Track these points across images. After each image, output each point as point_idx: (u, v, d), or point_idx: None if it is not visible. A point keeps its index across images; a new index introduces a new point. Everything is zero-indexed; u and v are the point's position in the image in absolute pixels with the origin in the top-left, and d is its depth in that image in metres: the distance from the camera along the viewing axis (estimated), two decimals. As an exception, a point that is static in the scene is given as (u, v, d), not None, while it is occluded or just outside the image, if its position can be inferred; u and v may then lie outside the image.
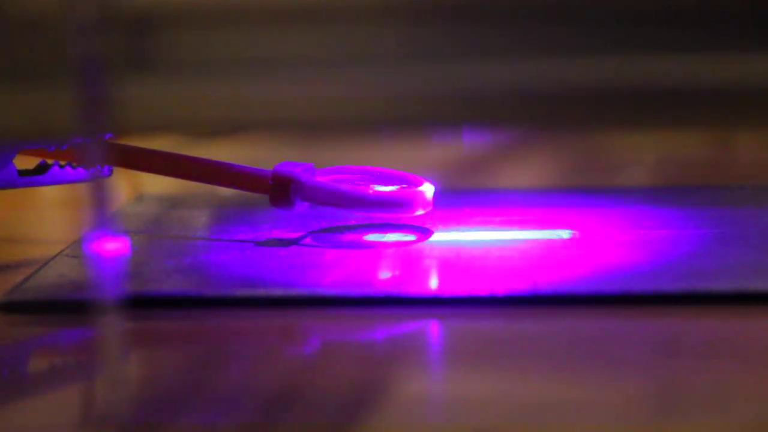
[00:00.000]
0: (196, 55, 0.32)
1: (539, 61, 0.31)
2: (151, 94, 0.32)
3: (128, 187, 0.54)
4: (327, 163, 0.46)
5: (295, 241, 0.45)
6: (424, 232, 0.45)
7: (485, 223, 0.47)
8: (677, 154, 0.64)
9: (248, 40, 0.31)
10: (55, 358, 0.36)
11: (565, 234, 0.45)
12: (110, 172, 0.45)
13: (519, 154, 0.66)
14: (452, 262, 0.42)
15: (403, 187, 0.45)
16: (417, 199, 0.44)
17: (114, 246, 0.30)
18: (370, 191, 0.44)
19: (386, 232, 0.46)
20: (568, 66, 0.31)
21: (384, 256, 0.43)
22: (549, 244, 0.44)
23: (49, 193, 0.46)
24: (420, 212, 0.45)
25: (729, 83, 0.31)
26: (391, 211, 0.45)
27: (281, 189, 0.44)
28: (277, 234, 0.46)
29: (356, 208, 0.45)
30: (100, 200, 0.30)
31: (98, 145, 0.30)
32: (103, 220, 0.30)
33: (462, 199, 0.52)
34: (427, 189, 0.45)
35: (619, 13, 0.31)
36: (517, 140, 0.67)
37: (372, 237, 0.45)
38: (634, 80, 0.31)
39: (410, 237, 0.45)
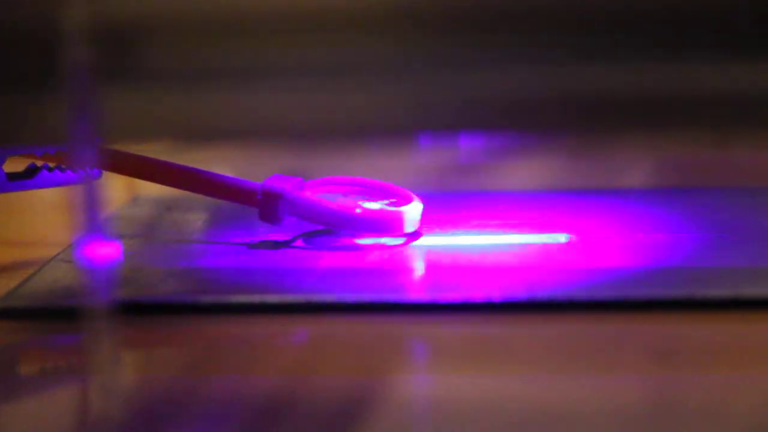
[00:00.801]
0: (186, 64, 0.31)
1: (538, 65, 0.31)
2: (140, 103, 0.32)
3: (123, 189, 0.54)
4: (318, 171, 0.46)
5: (286, 244, 0.44)
6: (417, 237, 0.45)
7: (481, 226, 0.47)
8: (675, 157, 0.64)
9: (239, 49, 0.31)
10: (49, 365, 0.36)
11: (562, 238, 0.44)
12: (100, 174, 0.44)
13: (516, 157, 0.66)
14: (448, 267, 0.42)
15: (392, 204, 0.45)
16: (403, 220, 0.44)
17: (106, 251, 0.30)
18: (358, 211, 0.44)
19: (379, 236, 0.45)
20: (566, 70, 0.31)
21: (378, 262, 0.43)
22: (546, 248, 0.43)
23: (40, 196, 0.46)
24: (407, 232, 0.44)
25: (728, 88, 0.31)
26: (378, 232, 0.44)
27: (269, 205, 0.44)
28: (271, 237, 0.45)
29: (343, 228, 0.44)
30: (92, 203, 0.30)
31: (88, 147, 0.30)
32: (95, 224, 0.30)
33: (457, 201, 0.52)
34: (415, 208, 0.44)
35: (616, 18, 0.31)
36: (514, 142, 0.67)
37: (364, 240, 0.45)
38: (632, 85, 0.31)
39: (402, 240, 0.45)
